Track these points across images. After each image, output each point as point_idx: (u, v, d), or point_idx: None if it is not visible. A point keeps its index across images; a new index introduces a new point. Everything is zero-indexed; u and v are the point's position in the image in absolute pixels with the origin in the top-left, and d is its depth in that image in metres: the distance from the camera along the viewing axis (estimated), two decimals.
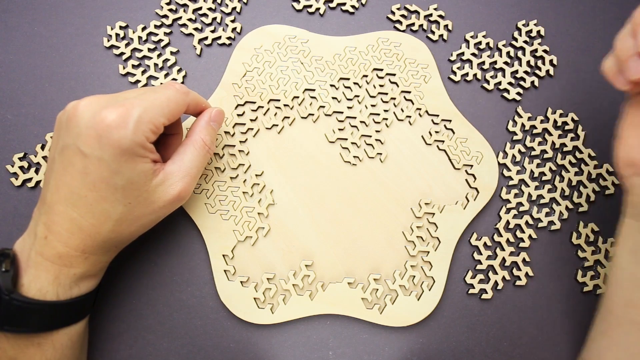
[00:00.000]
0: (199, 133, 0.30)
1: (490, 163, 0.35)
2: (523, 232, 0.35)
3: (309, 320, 0.33)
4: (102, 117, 0.24)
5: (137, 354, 0.32)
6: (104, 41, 0.37)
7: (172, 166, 0.28)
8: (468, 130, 0.36)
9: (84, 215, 0.26)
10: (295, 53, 0.37)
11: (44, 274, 0.26)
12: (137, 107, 0.25)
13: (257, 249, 0.33)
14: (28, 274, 0.26)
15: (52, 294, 0.26)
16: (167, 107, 0.27)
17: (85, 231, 0.26)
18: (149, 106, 0.26)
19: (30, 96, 0.36)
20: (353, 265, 0.33)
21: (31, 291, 0.25)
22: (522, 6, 0.40)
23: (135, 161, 0.26)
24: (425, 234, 0.34)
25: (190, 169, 0.29)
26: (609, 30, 0.40)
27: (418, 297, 0.32)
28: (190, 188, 0.29)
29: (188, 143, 0.30)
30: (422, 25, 0.39)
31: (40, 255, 0.26)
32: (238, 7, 0.39)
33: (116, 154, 0.25)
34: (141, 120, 0.25)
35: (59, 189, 0.26)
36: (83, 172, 0.25)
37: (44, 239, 0.26)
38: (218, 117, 0.31)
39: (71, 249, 0.26)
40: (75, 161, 0.25)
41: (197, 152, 0.29)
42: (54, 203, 0.26)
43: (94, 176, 0.25)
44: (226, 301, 0.32)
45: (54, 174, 0.26)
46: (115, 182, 0.25)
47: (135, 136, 0.25)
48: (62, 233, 0.26)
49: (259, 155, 0.34)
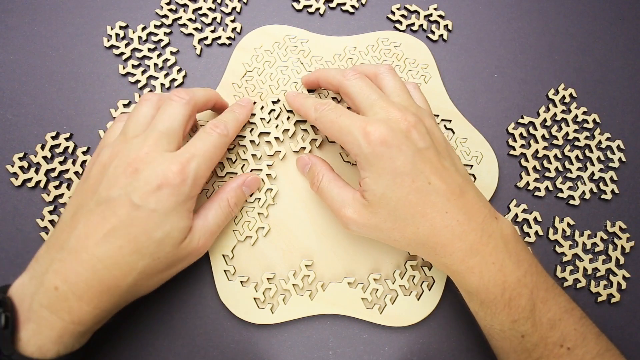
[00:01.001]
0: (227, 193, 0.31)
1: (490, 163, 0.35)
2: (530, 228, 0.35)
3: (309, 320, 0.33)
4: (163, 172, 0.26)
5: (137, 354, 0.32)
6: (104, 41, 0.37)
7: (197, 221, 0.29)
8: (468, 130, 0.36)
9: (109, 267, 0.25)
10: (295, 53, 0.37)
11: (47, 331, 0.24)
12: (192, 163, 0.27)
13: (257, 249, 0.33)
14: (27, 329, 0.23)
15: (52, 352, 0.24)
16: (215, 156, 0.28)
17: (104, 284, 0.25)
18: (202, 160, 0.27)
19: (30, 96, 0.36)
20: (353, 265, 0.33)
21: (29, 348, 0.23)
22: (521, 6, 0.40)
23: (183, 215, 0.27)
24: None
25: (212, 227, 0.30)
26: (609, 31, 0.40)
27: (418, 297, 0.32)
28: (208, 245, 0.30)
29: (215, 200, 0.30)
30: (422, 25, 0.39)
31: (47, 309, 0.24)
32: (238, 7, 0.39)
33: (170, 209, 0.25)
34: (197, 176, 0.27)
35: (89, 237, 0.25)
36: (127, 223, 0.25)
37: (53, 289, 0.24)
38: (252, 184, 0.32)
39: (84, 303, 0.24)
40: (121, 212, 0.25)
41: (221, 211, 0.30)
42: (80, 250, 0.24)
43: (139, 228, 0.25)
44: (226, 301, 0.32)
45: (86, 221, 0.25)
46: (155, 235, 0.25)
47: (192, 191, 0.27)
48: (80, 284, 0.24)
49: (259, 155, 0.34)
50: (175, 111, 0.28)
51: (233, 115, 0.32)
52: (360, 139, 0.26)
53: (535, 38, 0.39)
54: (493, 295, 0.26)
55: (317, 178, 0.30)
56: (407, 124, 0.27)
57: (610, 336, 0.30)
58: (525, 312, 0.26)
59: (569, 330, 0.27)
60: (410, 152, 0.26)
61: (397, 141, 0.26)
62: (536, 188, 0.36)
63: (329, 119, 0.28)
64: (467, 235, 0.26)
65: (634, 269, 0.35)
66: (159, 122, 0.28)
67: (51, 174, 0.34)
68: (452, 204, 0.26)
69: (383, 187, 0.26)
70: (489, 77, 0.38)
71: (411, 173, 0.26)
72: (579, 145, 0.36)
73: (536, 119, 0.37)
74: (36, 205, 0.34)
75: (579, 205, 0.36)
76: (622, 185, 0.36)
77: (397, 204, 0.26)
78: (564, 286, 0.34)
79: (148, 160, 0.26)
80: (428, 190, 0.26)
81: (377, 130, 0.26)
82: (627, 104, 0.38)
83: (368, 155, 0.26)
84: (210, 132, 0.29)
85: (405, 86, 0.30)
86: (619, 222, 0.35)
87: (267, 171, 0.34)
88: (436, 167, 0.27)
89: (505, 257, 0.27)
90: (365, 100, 0.29)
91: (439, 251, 0.27)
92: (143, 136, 0.27)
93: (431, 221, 0.26)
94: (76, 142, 0.35)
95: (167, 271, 0.28)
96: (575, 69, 0.39)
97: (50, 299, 0.24)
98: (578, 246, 0.35)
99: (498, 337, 0.28)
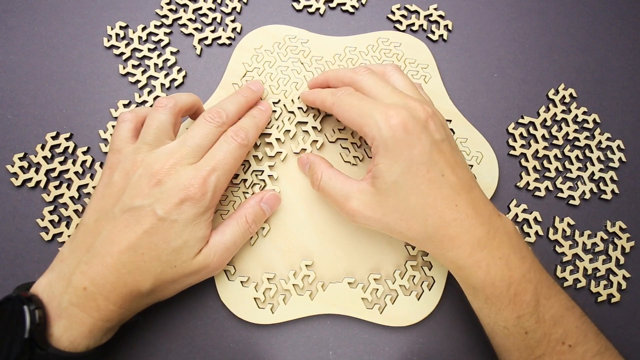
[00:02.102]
0: (246, 210, 0.31)
1: (490, 163, 0.35)
2: (530, 228, 0.35)
3: (309, 320, 0.33)
4: (186, 187, 0.27)
5: (137, 354, 0.32)
6: (104, 41, 0.37)
7: (215, 237, 0.29)
8: (468, 130, 0.36)
9: (132, 271, 0.26)
10: (295, 53, 0.37)
11: (78, 327, 0.25)
12: (212, 176, 0.27)
13: (257, 249, 0.33)
14: (59, 325, 0.25)
15: (83, 346, 0.26)
16: (234, 167, 0.29)
17: (128, 287, 0.26)
18: (222, 172, 0.28)
19: (30, 96, 0.36)
20: (353, 265, 0.33)
21: (62, 343, 0.25)
22: (521, 6, 0.40)
23: (202, 226, 0.28)
24: None
25: (230, 244, 0.30)
26: (609, 31, 0.40)
27: (418, 297, 0.32)
28: (224, 263, 0.30)
29: (234, 217, 0.31)
30: (422, 25, 0.39)
31: (77, 307, 0.25)
32: (238, 7, 0.39)
33: (190, 220, 0.27)
34: (217, 188, 0.28)
35: (114, 243, 0.26)
36: (149, 232, 0.26)
37: (82, 289, 0.26)
38: (271, 201, 0.32)
39: (110, 303, 0.26)
40: (145, 221, 0.26)
41: (239, 228, 0.30)
42: (105, 255, 0.26)
43: (160, 237, 0.26)
44: (226, 301, 0.32)
45: (111, 228, 0.26)
46: (174, 244, 0.26)
47: (211, 203, 0.28)
48: (106, 286, 0.26)
49: (260, 156, 0.34)
50: (205, 130, 0.29)
51: (253, 121, 0.32)
52: (381, 122, 0.26)
53: (535, 38, 0.39)
54: (499, 290, 0.26)
55: (317, 176, 0.30)
56: (425, 114, 0.27)
57: (610, 336, 0.30)
58: (530, 307, 0.26)
59: (570, 328, 0.27)
60: (428, 142, 0.26)
61: (417, 129, 0.26)
62: (536, 188, 0.36)
63: (349, 102, 0.28)
64: (475, 229, 0.26)
65: (634, 269, 0.35)
66: (189, 138, 0.29)
67: (51, 174, 0.34)
68: (462, 198, 0.26)
69: (396, 175, 0.26)
70: (489, 77, 0.38)
71: (427, 163, 0.26)
72: (579, 145, 0.36)
73: (536, 119, 0.37)
74: (36, 205, 0.34)
75: (579, 205, 0.36)
76: (622, 185, 0.36)
77: (408, 193, 0.26)
78: (564, 286, 0.34)
79: (171, 172, 0.27)
80: (441, 182, 0.26)
81: (399, 114, 0.26)
82: (627, 104, 0.38)
83: (387, 140, 0.26)
84: (231, 142, 0.29)
85: (414, 83, 0.31)
86: (619, 222, 0.35)
87: (269, 172, 0.34)
88: (449, 161, 0.27)
89: (510, 253, 0.27)
90: (381, 92, 0.29)
91: (446, 244, 0.27)
92: (170, 148, 0.28)
93: (440, 213, 0.26)
94: (76, 142, 0.35)
95: (182, 282, 0.29)
96: (575, 69, 0.39)
97: (79, 298, 0.25)
98: (578, 246, 0.35)
99: (502, 334, 0.28)
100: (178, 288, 0.29)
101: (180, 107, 0.30)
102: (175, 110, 0.30)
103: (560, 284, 0.34)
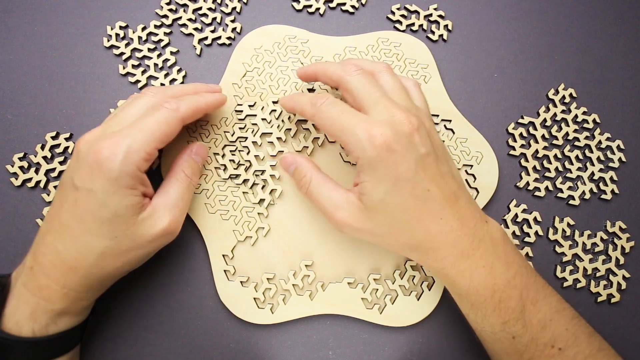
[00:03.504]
0: (180, 166, 0.30)
1: (490, 163, 0.35)
2: (530, 228, 0.35)
3: (309, 320, 0.33)
4: (94, 150, 0.25)
5: (137, 354, 0.32)
6: (104, 41, 0.37)
7: (158, 199, 0.28)
8: (468, 130, 0.36)
9: (68, 247, 0.26)
10: (295, 53, 0.37)
11: (23, 306, 0.26)
12: (127, 137, 0.26)
13: (257, 249, 0.33)
14: (10, 305, 0.26)
15: (27, 330, 0.25)
16: (158, 131, 0.27)
17: (67, 264, 0.26)
18: (139, 134, 0.26)
19: (30, 96, 0.36)
20: (353, 265, 0.33)
21: (8, 324, 0.25)
22: (521, 6, 0.40)
23: (123, 193, 0.25)
24: None
25: (177, 201, 0.29)
26: (609, 31, 0.40)
27: (418, 297, 0.32)
28: (180, 221, 0.29)
29: (172, 176, 0.30)
30: (422, 25, 0.39)
31: (24, 286, 0.26)
32: (238, 7, 0.39)
33: (105, 186, 0.25)
34: (130, 150, 0.25)
35: (51, 221, 0.26)
36: (73, 205, 0.26)
37: (30, 269, 0.26)
38: (200, 151, 0.32)
39: (52, 282, 0.26)
40: (68, 195, 0.26)
41: (180, 184, 0.30)
42: (45, 234, 0.27)
43: (82, 209, 0.25)
44: (226, 301, 0.32)
45: (51, 207, 0.27)
46: (102, 215, 0.25)
47: (124, 166, 0.25)
48: (46, 264, 0.26)
49: (262, 155, 0.34)
50: (137, 101, 0.29)
51: (193, 97, 0.30)
52: (365, 142, 0.26)
53: (535, 38, 0.39)
54: (483, 297, 0.27)
55: (306, 179, 0.30)
56: (410, 127, 0.26)
57: (610, 336, 0.30)
58: (515, 313, 0.26)
59: (560, 331, 0.27)
60: (413, 159, 0.26)
61: (402, 147, 0.26)
62: (536, 188, 0.36)
63: (329, 116, 0.28)
64: (459, 241, 0.27)
65: (634, 269, 0.35)
66: (119, 109, 0.29)
67: (51, 174, 0.34)
68: (446, 211, 0.27)
69: (383, 193, 0.26)
70: (489, 77, 0.38)
71: (412, 180, 0.26)
72: (579, 145, 0.36)
73: (536, 119, 0.37)
74: (36, 205, 0.34)
75: (579, 205, 0.36)
76: (622, 185, 0.36)
77: (394, 210, 0.26)
78: (563, 286, 0.34)
79: (92, 143, 0.26)
80: (426, 197, 0.26)
81: (383, 134, 0.25)
82: (627, 104, 0.38)
83: (372, 160, 0.26)
84: (158, 107, 0.28)
85: (403, 86, 0.30)
86: (619, 222, 0.35)
87: (271, 172, 0.34)
88: (435, 174, 0.27)
89: (494, 260, 0.27)
90: (369, 98, 0.28)
91: (430, 255, 0.27)
92: (104, 123, 0.28)
93: (426, 227, 0.27)
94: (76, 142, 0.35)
95: (135, 251, 0.27)
96: (575, 69, 0.39)
97: (27, 277, 0.26)
98: (578, 246, 0.35)
99: (489, 339, 0.28)
100: (135, 258, 0.28)
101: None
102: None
103: (560, 284, 0.34)
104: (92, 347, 0.31)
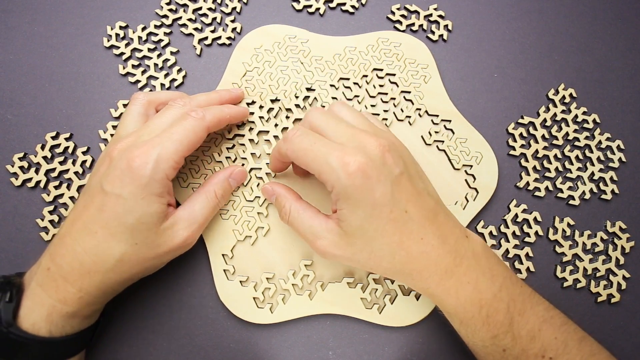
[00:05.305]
0: (214, 185, 0.31)
1: (489, 163, 0.35)
2: (530, 228, 0.35)
3: (309, 320, 0.33)
4: (127, 157, 0.26)
5: (137, 354, 0.32)
6: (104, 41, 0.37)
7: (182, 212, 0.29)
8: (468, 130, 0.36)
9: (88, 250, 0.26)
10: (295, 53, 0.37)
11: (39, 308, 0.26)
12: (157, 146, 0.26)
13: (257, 249, 0.33)
14: (25, 306, 0.26)
15: (44, 331, 0.26)
16: (186, 139, 0.28)
17: (85, 267, 0.26)
18: (168, 143, 0.27)
19: (30, 96, 0.36)
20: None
21: (24, 324, 0.25)
22: (521, 6, 0.40)
23: (151, 200, 0.26)
24: None
25: (199, 218, 0.29)
26: (609, 31, 0.40)
27: (417, 297, 0.32)
28: (196, 236, 0.30)
29: (201, 192, 0.30)
30: (422, 25, 0.39)
31: (40, 287, 0.26)
32: (238, 7, 0.39)
33: (134, 192, 0.26)
34: (161, 159, 0.26)
35: (73, 224, 0.27)
36: (100, 209, 0.26)
37: (46, 269, 0.26)
38: (238, 177, 0.32)
39: (69, 284, 0.26)
40: (95, 199, 0.26)
41: (208, 202, 0.30)
42: (65, 235, 0.27)
43: (109, 213, 0.26)
44: (226, 301, 0.32)
45: (74, 210, 0.28)
46: (127, 221, 0.26)
47: (154, 174, 0.26)
48: (64, 266, 0.26)
49: (258, 153, 0.34)
50: (167, 112, 0.29)
51: (218, 108, 0.31)
52: (339, 170, 0.25)
53: (535, 38, 0.39)
54: (471, 313, 0.27)
55: (284, 211, 0.30)
56: (381, 149, 0.26)
57: (610, 336, 0.30)
58: (504, 326, 0.27)
59: (549, 340, 0.27)
60: (389, 182, 0.26)
61: (376, 172, 0.25)
62: (536, 188, 0.36)
63: (301, 147, 0.27)
64: (441, 259, 0.27)
65: (634, 269, 0.35)
66: (151, 119, 0.29)
67: (51, 174, 0.34)
68: (426, 230, 0.27)
69: (361, 219, 0.26)
70: (489, 77, 0.38)
71: (389, 203, 0.26)
72: (579, 145, 0.36)
73: (536, 119, 0.37)
74: (36, 205, 0.34)
75: (579, 205, 0.36)
76: (622, 185, 0.36)
77: (374, 235, 0.26)
78: (563, 286, 0.34)
79: (124, 150, 0.27)
80: (405, 219, 0.26)
81: (356, 161, 0.25)
82: (627, 104, 0.38)
83: (347, 188, 0.25)
84: (186, 117, 0.29)
85: (363, 115, 0.30)
86: (619, 222, 0.35)
87: (267, 170, 0.34)
88: (411, 194, 0.26)
89: (479, 275, 0.27)
90: (334, 128, 0.27)
91: (415, 277, 0.27)
92: (135, 131, 0.29)
93: (407, 249, 0.26)
94: (76, 142, 0.35)
95: (151, 261, 0.28)
96: (575, 69, 0.39)
97: (43, 278, 0.26)
98: (578, 246, 0.35)
99: (481, 352, 0.28)
100: (149, 268, 0.29)
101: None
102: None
103: (560, 284, 0.34)
104: (93, 347, 0.31)
